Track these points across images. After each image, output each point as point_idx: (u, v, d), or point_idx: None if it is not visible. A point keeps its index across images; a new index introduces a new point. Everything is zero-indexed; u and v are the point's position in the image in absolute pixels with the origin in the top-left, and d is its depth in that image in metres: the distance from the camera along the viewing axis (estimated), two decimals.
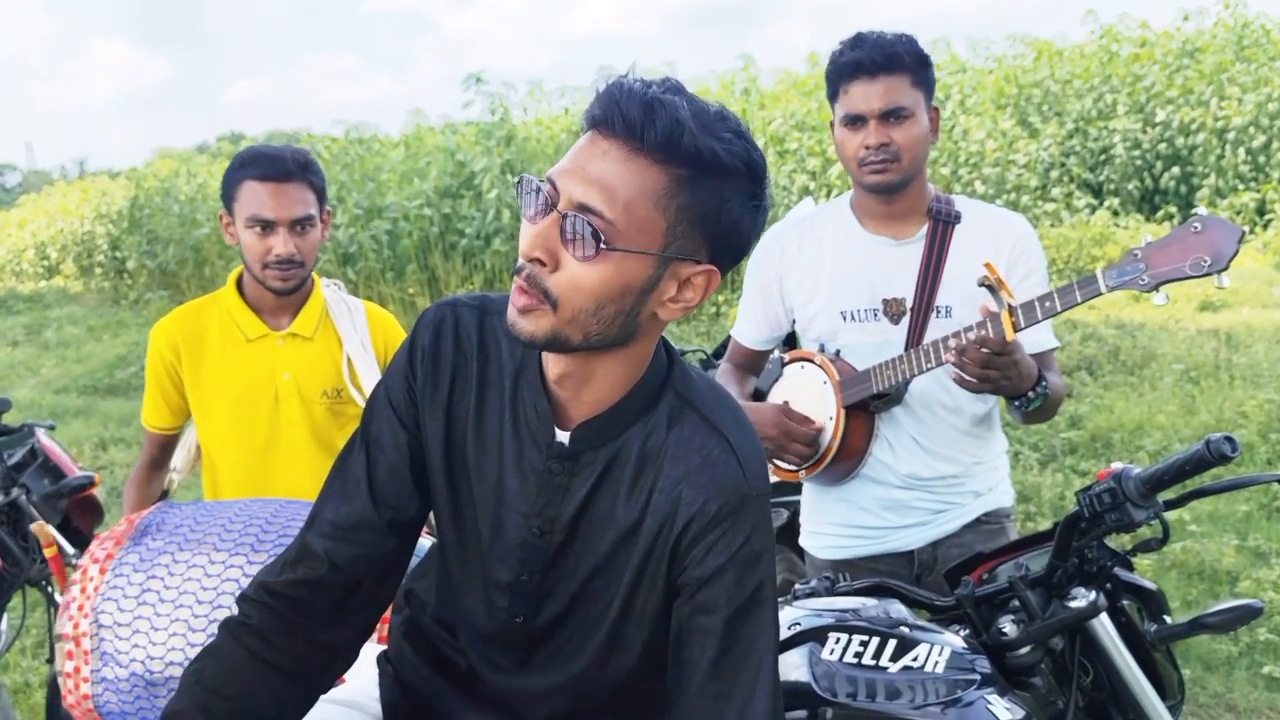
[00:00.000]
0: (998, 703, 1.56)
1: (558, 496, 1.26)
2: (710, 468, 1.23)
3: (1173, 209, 10.34)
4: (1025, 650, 1.66)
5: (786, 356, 2.17)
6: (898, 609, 1.71)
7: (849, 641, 1.60)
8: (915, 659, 1.59)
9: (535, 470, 1.26)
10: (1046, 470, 5.19)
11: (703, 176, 1.13)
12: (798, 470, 2.13)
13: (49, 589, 3.25)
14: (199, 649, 1.49)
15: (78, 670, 1.55)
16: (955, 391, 2.01)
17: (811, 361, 2.10)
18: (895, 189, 2.02)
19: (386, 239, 10.16)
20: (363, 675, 1.48)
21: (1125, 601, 1.72)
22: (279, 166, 2.14)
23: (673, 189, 1.12)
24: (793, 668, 1.58)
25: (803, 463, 2.09)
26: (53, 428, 3.51)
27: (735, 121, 1.15)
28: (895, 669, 1.58)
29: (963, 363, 1.85)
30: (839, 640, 1.60)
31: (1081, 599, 1.62)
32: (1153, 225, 10.04)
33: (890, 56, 1.96)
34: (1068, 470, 5.18)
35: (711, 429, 1.25)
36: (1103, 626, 1.66)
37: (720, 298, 8.62)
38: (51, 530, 1.71)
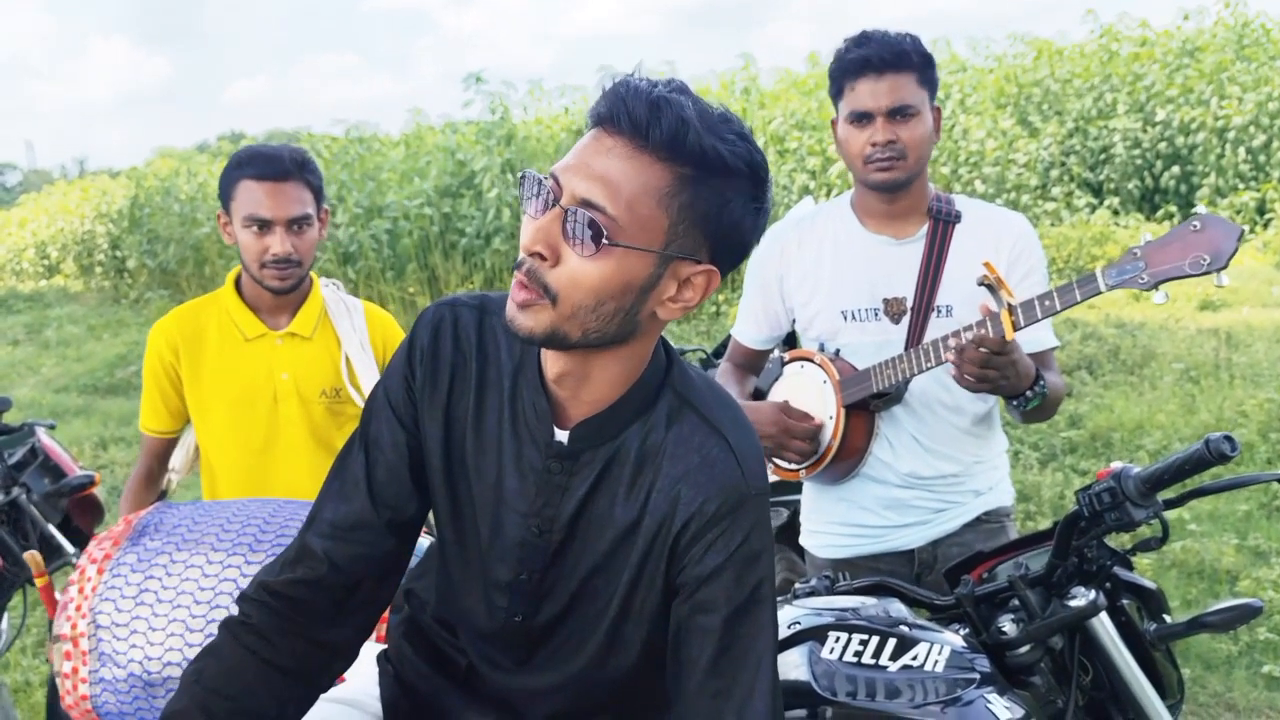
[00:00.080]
0: (997, 702, 1.56)
1: (557, 496, 1.26)
2: (709, 467, 1.23)
3: (1173, 208, 10.34)
4: (1025, 649, 1.66)
5: (786, 356, 2.17)
6: (897, 608, 1.71)
7: (849, 640, 1.60)
8: (915, 658, 1.59)
9: (534, 469, 1.26)
10: (1046, 469, 5.19)
11: (706, 176, 1.13)
12: (798, 469, 2.13)
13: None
14: (197, 649, 1.49)
15: (76, 671, 1.55)
16: (956, 390, 2.01)
17: (811, 361, 2.10)
18: (900, 187, 2.02)
19: (386, 238, 10.16)
20: (363, 674, 1.48)
21: (1125, 601, 1.72)
22: (276, 166, 2.14)
23: (676, 187, 1.12)
24: (792, 666, 1.58)
25: (803, 460, 2.09)
26: (53, 427, 3.51)
27: (739, 124, 1.16)
28: (895, 668, 1.58)
29: (961, 362, 1.85)
30: (839, 639, 1.60)
31: (1081, 598, 1.62)
32: (1153, 224, 10.04)
33: (899, 54, 1.97)
34: (1068, 469, 5.18)
35: (710, 428, 1.25)
36: (1102, 625, 1.66)
37: (720, 297, 8.62)
38: (41, 559, 1.70)
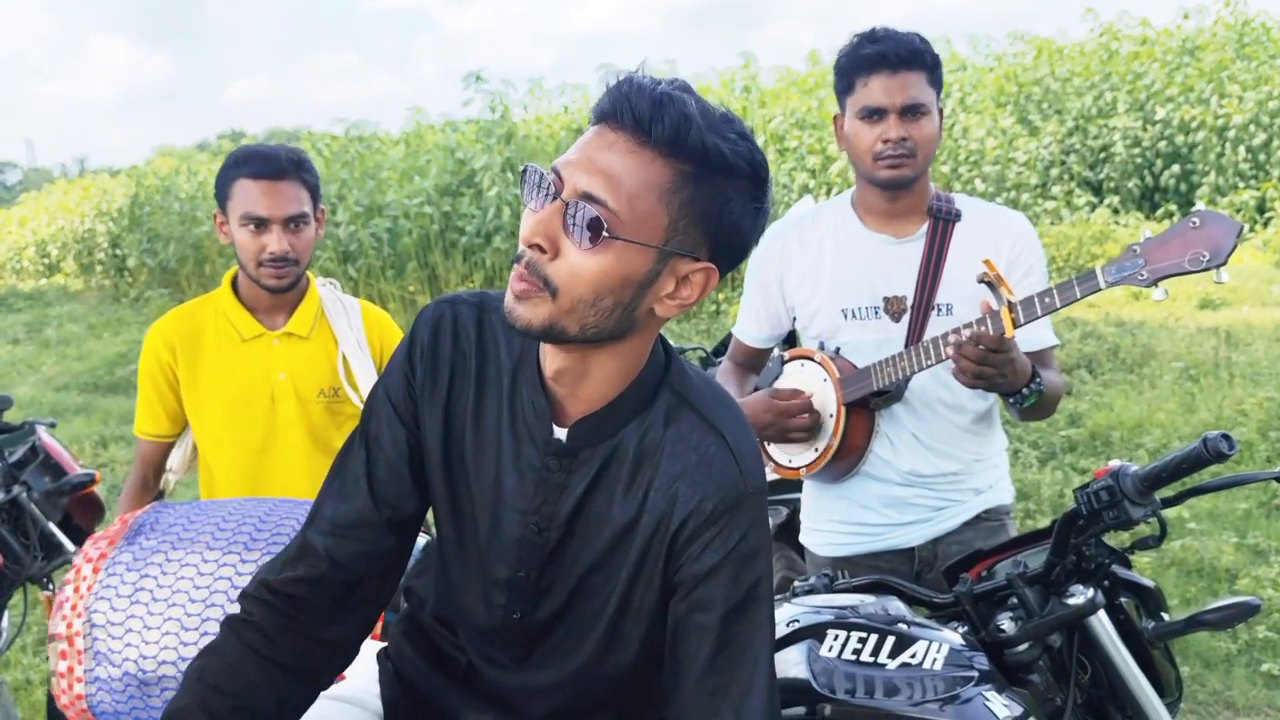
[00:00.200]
0: (996, 700, 1.56)
1: (555, 493, 1.26)
2: (707, 465, 1.23)
3: (1173, 207, 10.34)
4: (1023, 647, 1.66)
5: (786, 354, 2.17)
6: (896, 606, 1.71)
7: (847, 638, 1.60)
8: (914, 656, 1.59)
9: (533, 467, 1.27)
10: (1046, 468, 5.19)
11: (707, 174, 1.13)
12: (799, 468, 2.13)
13: (50, 587, 3.26)
14: (192, 648, 1.50)
15: (71, 670, 1.55)
16: (956, 388, 2.01)
17: (811, 359, 2.10)
18: (906, 184, 2.03)
19: (387, 237, 10.16)
20: (363, 672, 1.48)
21: (1123, 599, 1.72)
22: (272, 164, 2.14)
23: (677, 184, 1.13)
24: (791, 664, 1.58)
25: (808, 437, 2.08)
26: (53, 425, 3.52)
27: (740, 124, 1.16)
28: (894, 666, 1.58)
29: (959, 358, 1.85)
30: (837, 637, 1.61)
31: (1079, 596, 1.62)
32: (1153, 223, 10.03)
33: (914, 53, 1.97)
34: (1067, 468, 5.18)
35: (708, 427, 1.25)
36: (1101, 624, 1.66)
37: (720, 296, 8.62)
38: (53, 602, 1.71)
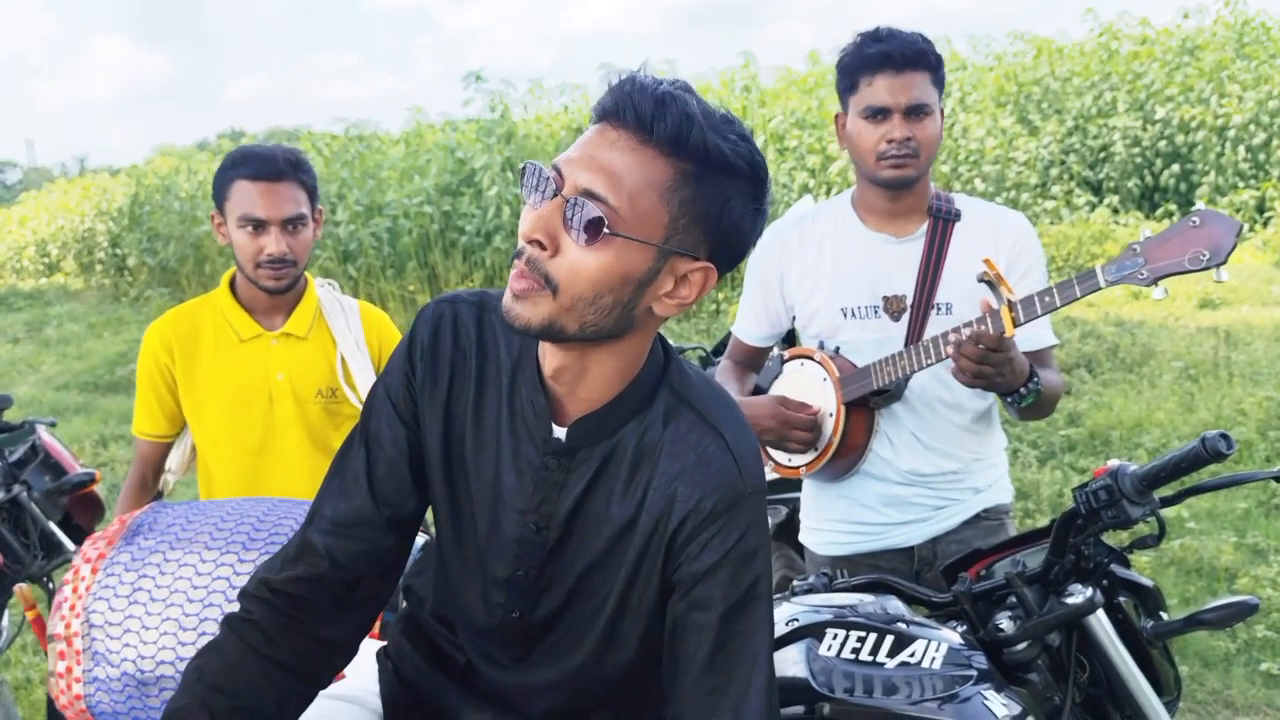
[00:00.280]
0: (994, 698, 1.56)
1: (554, 493, 1.26)
2: (705, 465, 1.23)
3: (1172, 206, 10.35)
4: (1022, 646, 1.66)
5: (786, 354, 2.17)
6: (895, 605, 1.71)
7: (846, 637, 1.60)
8: (912, 655, 1.59)
9: (532, 466, 1.27)
10: (1045, 467, 5.19)
11: (708, 173, 1.14)
12: (798, 467, 2.13)
13: (50, 585, 3.26)
14: (190, 648, 1.50)
15: (69, 670, 1.55)
16: (955, 388, 2.01)
17: (811, 358, 2.10)
18: (908, 184, 2.03)
19: (387, 236, 10.16)
20: (362, 670, 1.48)
21: (1122, 598, 1.72)
22: (270, 166, 2.14)
23: (677, 182, 1.13)
24: (790, 663, 1.58)
25: (806, 449, 2.09)
26: (54, 424, 3.53)
27: (741, 126, 1.17)
28: (892, 665, 1.58)
29: (958, 357, 1.85)
30: (836, 636, 1.61)
31: (1078, 595, 1.62)
32: (1152, 223, 10.04)
33: (919, 53, 1.97)
34: (1066, 467, 5.18)
35: (707, 426, 1.25)
36: (1099, 623, 1.66)
37: (720, 295, 8.63)
38: (29, 592, 1.70)
